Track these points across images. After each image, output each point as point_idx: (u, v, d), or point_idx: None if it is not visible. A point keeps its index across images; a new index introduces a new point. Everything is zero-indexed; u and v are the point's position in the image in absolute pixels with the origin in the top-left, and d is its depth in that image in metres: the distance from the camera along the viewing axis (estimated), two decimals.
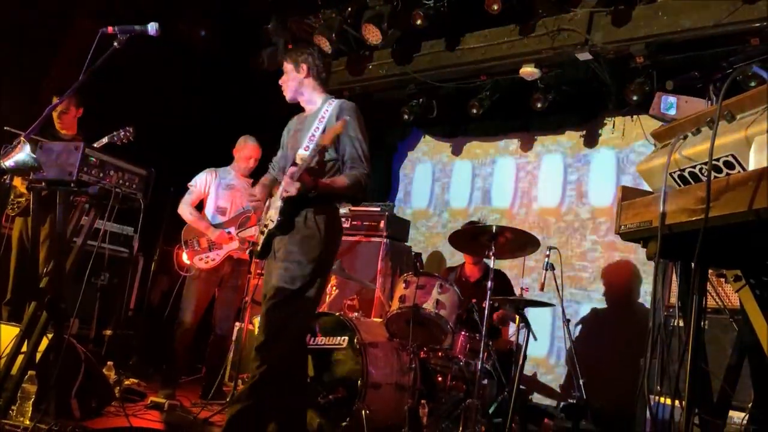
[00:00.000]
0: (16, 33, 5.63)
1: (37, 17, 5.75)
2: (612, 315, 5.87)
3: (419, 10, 5.52)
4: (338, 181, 3.22)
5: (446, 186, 7.38)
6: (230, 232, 4.89)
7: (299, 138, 3.40)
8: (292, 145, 3.47)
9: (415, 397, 3.88)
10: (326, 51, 6.08)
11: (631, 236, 2.09)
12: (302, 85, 3.48)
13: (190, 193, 5.05)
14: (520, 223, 6.54)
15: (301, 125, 3.50)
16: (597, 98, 6.02)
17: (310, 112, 3.49)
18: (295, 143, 3.40)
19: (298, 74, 3.45)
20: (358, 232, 5.82)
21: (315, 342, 4.17)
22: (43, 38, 5.88)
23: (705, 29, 4.66)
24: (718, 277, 2.52)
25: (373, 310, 5.41)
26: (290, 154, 3.43)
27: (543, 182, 6.64)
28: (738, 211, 1.63)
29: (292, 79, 3.47)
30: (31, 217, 3.45)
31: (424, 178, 7.60)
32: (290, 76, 3.48)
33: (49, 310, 3.08)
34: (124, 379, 4.51)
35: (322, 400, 3.91)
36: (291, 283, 3.10)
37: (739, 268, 2.05)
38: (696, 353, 1.93)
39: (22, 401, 2.96)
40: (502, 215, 6.79)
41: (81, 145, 3.02)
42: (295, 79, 3.46)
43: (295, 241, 3.16)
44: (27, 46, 5.75)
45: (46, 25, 5.84)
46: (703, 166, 1.82)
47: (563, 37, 5.33)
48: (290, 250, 3.15)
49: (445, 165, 7.45)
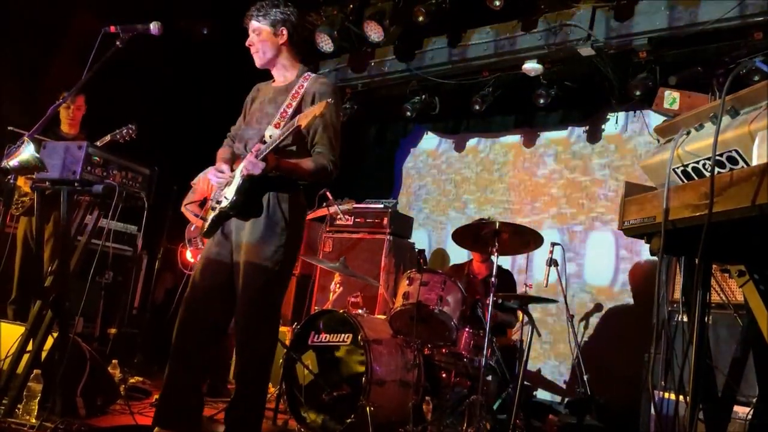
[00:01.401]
0: (16, 31, 5.64)
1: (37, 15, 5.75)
2: (616, 310, 5.86)
3: (421, 7, 5.52)
4: (303, 163, 2.95)
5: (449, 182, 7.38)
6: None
7: (268, 112, 3.09)
8: (257, 118, 3.13)
9: (419, 393, 3.89)
10: (328, 48, 6.09)
11: (634, 232, 2.09)
12: (280, 53, 3.11)
13: (193, 191, 5.05)
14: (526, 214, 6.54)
15: (269, 97, 3.16)
16: (600, 94, 6.00)
17: (281, 83, 3.16)
18: (263, 117, 3.10)
19: (276, 38, 3.07)
20: (362, 229, 5.83)
21: (319, 339, 4.18)
22: (44, 36, 5.88)
23: (708, 24, 4.65)
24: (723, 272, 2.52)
25: (377, 307, 5.42)
26: (256, 128, 3.09)
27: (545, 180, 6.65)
28: (741, 207, 1.62)
29: (268, 44, 3.07)
30: (36, 217, 3.46)
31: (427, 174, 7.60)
32: (266, 40, 3.06)
33: (53, 308, 3.09)
34: (129, 377, 4.53)
35: (326, 397, 3.92)
36: (261, 273, 2.89)
37: (743, 264, 2.04)
38: (700, 348, 1.93)
39: (28, 400, 2.98)
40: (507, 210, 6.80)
41: (84, 144, 3.02)
42: (273, 45, 3.07)
43: (259, 229, 2.92)
44: (27, 44, 5.76)
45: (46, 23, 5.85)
46: (706, 162, 1.81)
47: (566, 32, 5.32)
48: (253, 239, 2.91)
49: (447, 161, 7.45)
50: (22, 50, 5.71)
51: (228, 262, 3.01)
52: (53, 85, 5.00)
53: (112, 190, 3.09)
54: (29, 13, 5.70)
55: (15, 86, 5.64)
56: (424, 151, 7.72)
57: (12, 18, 5.54)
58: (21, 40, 5.68)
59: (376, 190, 6.99)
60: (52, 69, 5.94)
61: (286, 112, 2.99)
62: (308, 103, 3.00)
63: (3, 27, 5.47)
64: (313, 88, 3.04)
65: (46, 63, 5.95)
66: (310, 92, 3.03)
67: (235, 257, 2.98)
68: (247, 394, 2.97)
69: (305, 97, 3.03)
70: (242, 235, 2.96)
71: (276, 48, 3.08)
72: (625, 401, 4.68)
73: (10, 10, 5.48)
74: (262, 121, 3.08)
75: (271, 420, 4.22)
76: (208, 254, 3.05)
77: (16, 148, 2.68)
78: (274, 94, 3.14)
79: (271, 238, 2.92)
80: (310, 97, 3.02)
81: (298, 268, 6.15)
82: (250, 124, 3.17)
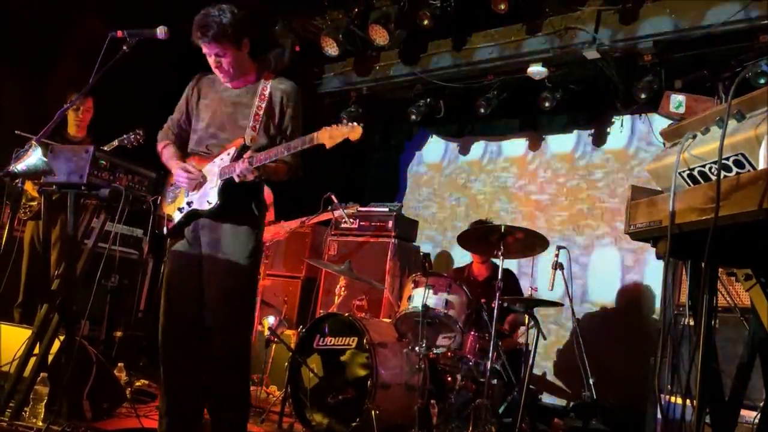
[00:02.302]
0: (23, 35, 5.66)
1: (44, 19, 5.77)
2: (622, 313, 5.85)
3: (426, 10, 5.52)
4: (281, 167, 2.98)
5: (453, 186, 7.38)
6: None
7: (228, 113, 3.04)
8: (219, 120, 3.05)
9: (424, 397, 3.88)
10: (333, 53, 6.09)
11: (640, 236, 2.08)
12: (244, 63, 3.02)
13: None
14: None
15: (227, 98, 3.07)
16: (605, 97, 6.00)
17: (240, 84, 3.09)
18: (225, 118, 3.04)
19: (240, 51, 2.96)
20: (366, 232, 5.83)
21: (324, 342, 4.18)
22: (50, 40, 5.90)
23: (713, 27, 4.64)
24: (729, 276, 2.51)
25: (382, 310, 5.42)
26: (218, 130, 3.04)
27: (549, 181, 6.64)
28: (748, 210, 1.62)
29: (234, 59, 2.95)
30: (42, 220, 3.47)
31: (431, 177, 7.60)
32: (231, 56, 2.93)
33: (60, 312, 3.10)
34: (135, 380, 4.53)
35: (331, 400, 3.92)
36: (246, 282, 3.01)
37: (750, 267, 2.04)
38: (707, 352, 1.92)
39: (34, 403, 2.99)
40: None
41: (91, 148, 3.04)
42: (238, 58, 2.96)
43: (234, 227, 2.95)
44: (34, 48, 5.78)
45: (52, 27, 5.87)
46: (712, 165, 1.81)
47: (570, 35, 5.33)
48: (229, 237, 2.94)
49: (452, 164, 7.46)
50: (29, 54, 5.73)
51: (198, 261, 3.00)
52: (60, 88, 5.02)
53: (118, 194, 3.10)
54: (35, 17, 5.72)
55: (21, 90, 5.66)
56: (429, 155, 7.72)
57: (18, 22, 5.57)
58: (27, 44, 5.71)
59: (381, 194, 7.00)
60: (59, 73, 5.96)
61: (258, 115, 2.99)
62: (276, 104, 3.04)
63: (9, 31, 5.49)
64: (279, 90, 3.06)
65: (53, 67, 5.97)
66: (276, 93, 3.05)
67: (208, 255, 2.97)
68: (236, 393, 2.98)
69: (274, 100, 3.04)
70: (215, 233, 2.97)
71: (241, 60, 3.00)
72: (630, 405, 4.67)
73: (16, 14, 5.51)
74: (226, 123, 3.04)
75: (276, 423, 4.22)
76: (178, 254, 3.05)
77: (24, 152, 2.70)
78: (236, 96, 3.08)
79: (246, 235, 2.97)
80: (278, 98, 3.05)
81: (303, 272, 6.16)
82: (209, 124, 3.09)
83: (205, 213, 2.97)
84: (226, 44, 2.89)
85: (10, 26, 5.49)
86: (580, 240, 6.28)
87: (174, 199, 3.14)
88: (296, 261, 6.22)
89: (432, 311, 4.01)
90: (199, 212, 2.99)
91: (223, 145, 3.02)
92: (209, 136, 3.08)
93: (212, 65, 2.99)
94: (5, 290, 3.99)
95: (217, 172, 2.97)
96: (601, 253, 6.14)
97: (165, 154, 3.22)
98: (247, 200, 3.01)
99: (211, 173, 2.99)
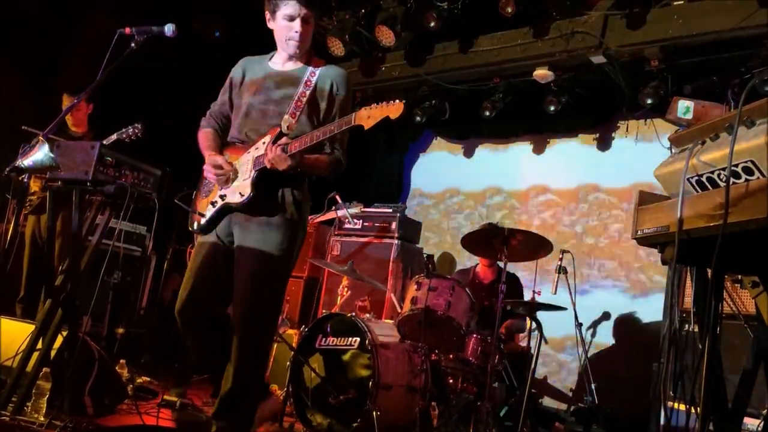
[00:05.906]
0: (31, 31, 5.68)
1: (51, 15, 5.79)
2: (624, 318, 5.84)
3: (432, 12, 5.52)
4: (322, 160, 2.85)
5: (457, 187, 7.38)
6: None
7: (274, 97, 2.89)
8: (263, 100, 2.91)
9: (426, 398, 3.88)
10: (339, 53, 6.09)
11: (647, 241, 2.08)
12: (310, 39, 2.94)
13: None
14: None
15: (273, 81, 2.94)
16: (610, 102, 5.99)
17: (289, 68, 2.96)
18: (267, 104, 2.90)
19: (314, 26, 2.90)
20: (370, 233, 5.83)
21: (326, 342, 4.17)
22: (57, 36, 5.92)
23: (721, 33, 4.63)
24: (734, 283, 2.51)
25: (385, 311, 5.41)
26: (260, 109, 2.90)
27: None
28: (757, 218, 1.62)
29: (311, 31, 2.89)
30: (47, 216, 3.47)
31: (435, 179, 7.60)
32: (312, 27, 2.88)
33: (64, 307, 3.10)
34: (137, 377, 4.53)
35: (332, 401, 3.91)
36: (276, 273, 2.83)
37: (757, 274, 2.03)
38: (712, 359, 1.92)
39: (36, 398, 2.98)
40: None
41: (98, 145, 3.03)
42: (312, 32, 2.90)
43: (274, 226, 2.79)
44: (41, 44, 5.79)
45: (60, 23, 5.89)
46: (721, 172, 1.80)
47: (577, 39, 5.32)
48: (269, 236, 2.78)
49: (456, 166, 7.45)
50: (36, 50, 5.75)
51: (227, 252, 2.89)
52: (66, 85, 5.02)
53: (123, 191, 3.09)
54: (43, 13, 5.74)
55: (28, 86, 5.67)
56: (434, 156, 7.71)
57: (25, 19, 5.58)
58: (34, 41, 5.72)
59: (385, 195, 7.00)
60: (66, 69, 5.98)
61: (300, 101, 2.84)
62: (325, 92, 2.90)
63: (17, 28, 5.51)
64: (328, 77, 2.93)
65: (60, 63, 5.99)
66: (326, 81, 2.92)
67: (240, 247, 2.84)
68: (246, 383, 2.87)
69: (322, 87, 2.91)
70: (249, 226, 2.82)
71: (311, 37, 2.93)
72: (632, 410, 4.66)
73: (23, 11, 5.53)
74: (268, 109, 2.90)
75: (277, 422, 4.22)
76: (206, 244, 2.93)
77: (30, 147, 2.70)
78: (280, 80, 2.94)
79: (280, 229, 2.81)
80: (327, 86, 2.91)
81: (306, 271, 6.15)
82: (249, 110, 2.95)
83: (239, 206, 2.82)
84: (315, 12, 2.87)
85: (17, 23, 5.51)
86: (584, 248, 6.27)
87: (208, 194, 3.03)
88: (299, 260, 6.19)
89: (435, 313, 4.01)
90: (232, 206, 2.85)
91: (261, 133, 2.87)
92: (249, 122, 2.94)
93: (294, 29, 2.86)
94: (7, 285, 3.99)
95: (252, 162, 2.81)
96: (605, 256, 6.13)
97: (201, 142, 3.10)
98: (284, 193, 2.83)
99: (245, 164, 2.84)
